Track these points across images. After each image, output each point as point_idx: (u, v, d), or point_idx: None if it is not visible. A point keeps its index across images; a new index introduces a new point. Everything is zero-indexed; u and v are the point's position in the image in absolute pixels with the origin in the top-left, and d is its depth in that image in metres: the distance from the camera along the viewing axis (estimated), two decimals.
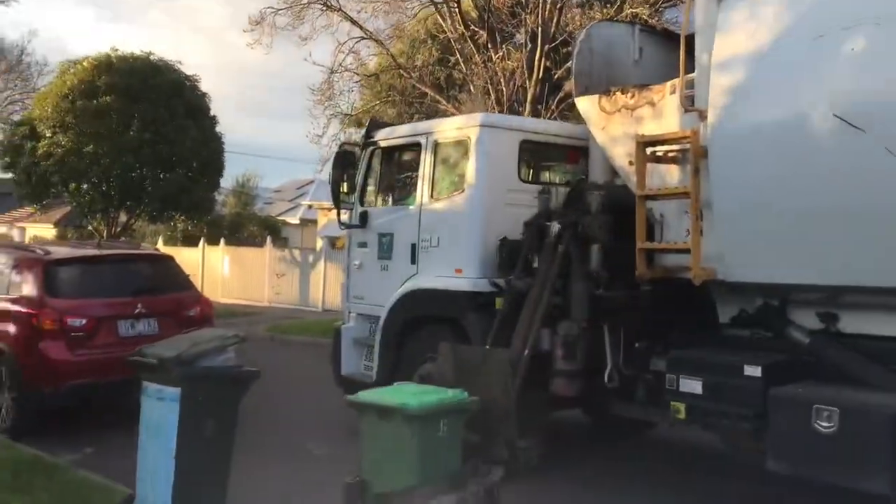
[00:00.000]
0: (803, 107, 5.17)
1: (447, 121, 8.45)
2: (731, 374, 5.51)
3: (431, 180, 7.73)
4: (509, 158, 7.42)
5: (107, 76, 22.24)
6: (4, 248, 10.13)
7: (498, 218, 7.20)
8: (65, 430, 8.42)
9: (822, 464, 4.88)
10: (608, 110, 6.68)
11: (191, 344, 5.32)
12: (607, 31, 7.42)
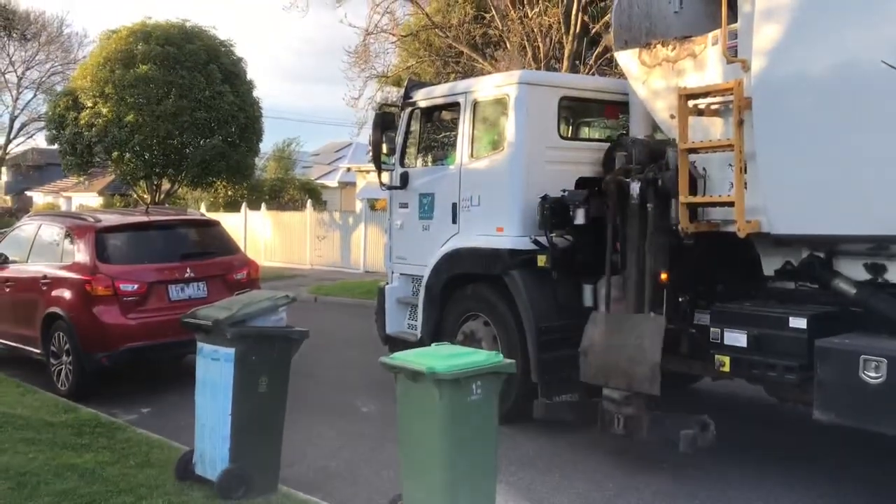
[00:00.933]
0: (850, 53, 5.10)
1: (486, 79, 8.38)
2: (776, 327, 5.54)
3: (471, 139, 7.71)
4: (549, 116, 7.35)
5: (143, 44, 22.43)
6: (56, 217, 10.34)
7: (538, 176, 7.17)
8: (122, 391, 8.70)
9: (870, 414, 4.90)
10: (649, 64, 6.55)
11: (243, 305, 5.45)
12: None
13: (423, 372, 4.64)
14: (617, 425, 6.11)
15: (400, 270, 8.59)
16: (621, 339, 6.08)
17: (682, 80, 6.20)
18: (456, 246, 7.66)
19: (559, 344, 6.73)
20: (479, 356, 4.97)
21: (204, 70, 22.36)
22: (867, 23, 5.04)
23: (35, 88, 34.28)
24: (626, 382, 6.01)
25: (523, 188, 7.19)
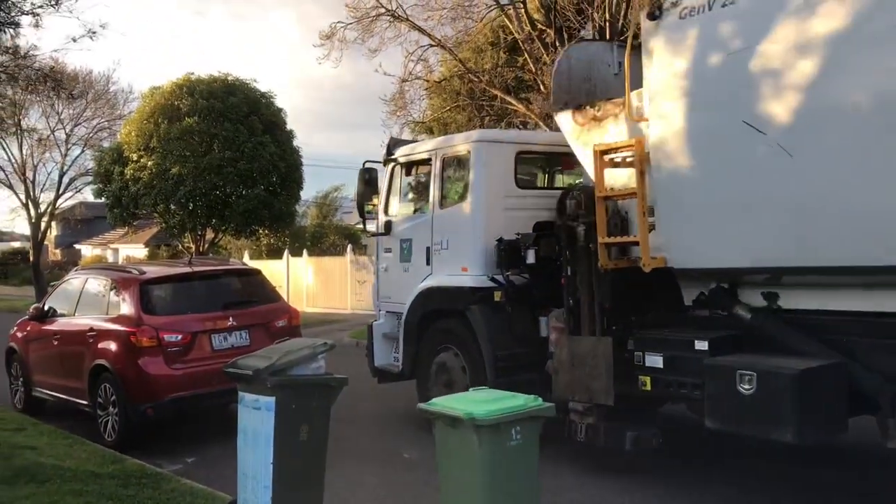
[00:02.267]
0: (721, 115, 5.97)
1: (451, 137, 9.27)
2: (685, 349, 6.27)
3: (441, 191, 8.68)
4: (506, 169, 8.28)
5: (187, 98, 23.05)
6: (102, 271, 10.58)
7: (497, 222, 8.08)
8: (167, 441, 8.79)
9: (745, 421, 5.64)
10: (580, 122, 7.37)
11: (283, 354, 5.50)
12: (586, 49, 8.17)
13: (461, 418, 4.61)
14: (580, 434, 6.94)
15: (386, 308, 9.42)
16: (581, 360, 6.91)
17: (606, 137, 7.01)
18: (428, 285, 8.52)
19: (515, 370, 7.53)
20: (518, 400, 4.92)
21: (246, 121, 22.89)
22: (731, 90, 5.91)
23: (83, 144, 35.28)
24: (588, 396, 6.84)
25: (483, 232, 8.10)
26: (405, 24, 17.91)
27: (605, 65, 7.66)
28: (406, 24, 17.86)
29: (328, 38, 18.14)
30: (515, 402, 4.89)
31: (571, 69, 7.72)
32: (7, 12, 7.51)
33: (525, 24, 17.17)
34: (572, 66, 7.73)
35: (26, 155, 33.58)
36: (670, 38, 6.37)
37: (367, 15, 17.74)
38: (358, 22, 17.83)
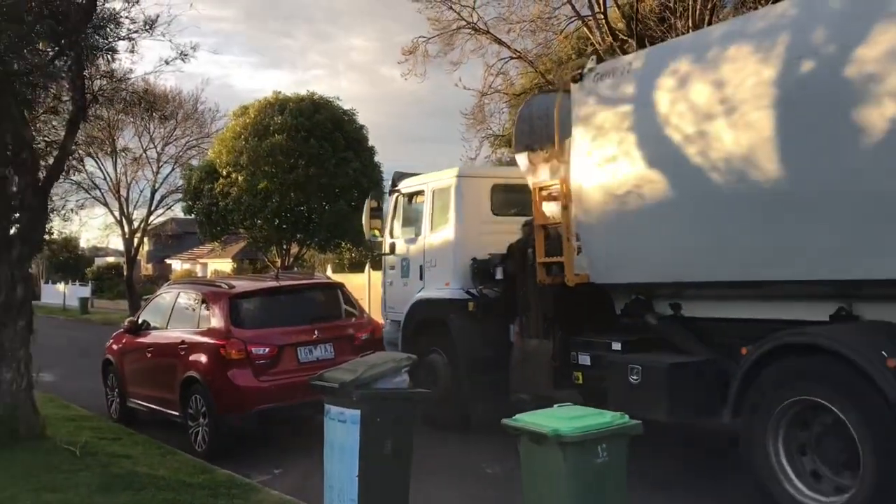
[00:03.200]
0: (626, 162, 7.32)
1: (439, 173, 10.46)
2: (605, 349, 7.70)
3: (431, 217, 10.25)
4: (483, 199, 9.89)
5: (275, 117, 23.67)
6: (192, 285, 10.89)
7: (474, 243, 9.63)
8: (256, 452, 8.96)
9: (633, 404, 6.59)
10: (533, 162, 8.69)
11: (367, 367, 5.55)
12: (545, 99, 9.02)
13: (546, 434, 4.56)
14: None
15: (391, 317, 10.85)
16: (528, 359, 8.45)
17: (550, 175, 8.34)
18: (420, 297, 10.10)
19: (484, 369, 9.00)
20: (605, 417, 4.83)
21: (330, 138, 23.36)
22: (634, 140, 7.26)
23: (173, 162, 36.55)
24: (534, 389, 8.27)
25: (462, 253, 9.66)
26: (486, 37, 18.00)
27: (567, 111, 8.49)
28: (487, 36, 17.95)
29: (410, 53, 18.40)
30: (602, 419, 4.81)
31: (532, 116, 8.88)
32: (105, 38, 7.83)
33: (606, 35, 17.01)
34: (532, 113, 8.89)
35: (120, 173, 34.96)
36: (587, 97, 7.84)
37: (448, 28, 17.90)
38: (439, 35, 18.00)
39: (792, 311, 6.41)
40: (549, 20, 18.14)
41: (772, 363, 5.97)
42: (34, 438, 8.35)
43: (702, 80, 6.65)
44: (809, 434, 5.83)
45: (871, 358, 5.34)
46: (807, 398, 5.73)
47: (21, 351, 8.36)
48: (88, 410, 11.23)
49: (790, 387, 5.84)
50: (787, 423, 5.90)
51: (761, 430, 5.96)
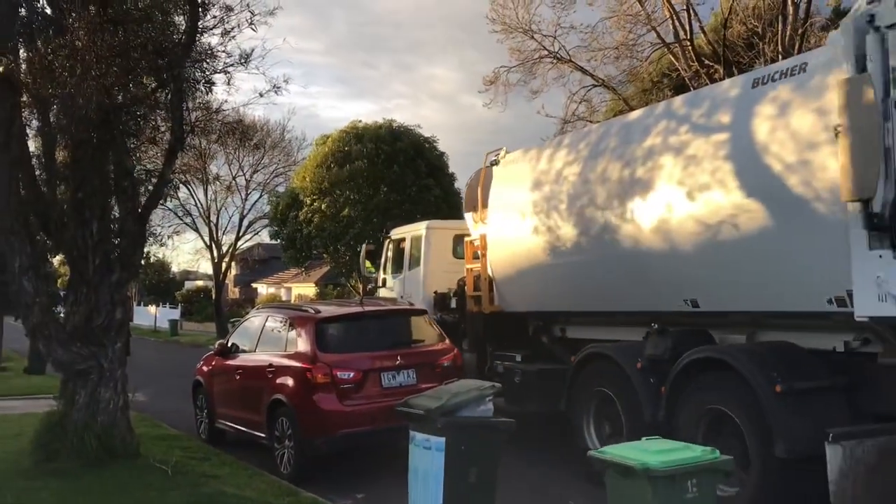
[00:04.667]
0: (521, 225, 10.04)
1: (415, 224, 13.98)
2: (511, 360, 10.35)
3: (409, 259, 13.45)
4: (447, 246, 12.96)
5: (356, 145, 24.14)
6: (280, 309, 11.13)
7: (439, 280, 12.65)
8: (339, 476, 9.06)
9: (518, 400, 9.72)
10: (474, 220, 11.38)
11: (452, 395, 5.58)
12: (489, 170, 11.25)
13: (634, 468, 4.49)
14: None
15: None
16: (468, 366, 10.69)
17: (478, 232, 11.20)
18: None
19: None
20: (695, 451, 4.74)
21: (412, 165, 23.66)
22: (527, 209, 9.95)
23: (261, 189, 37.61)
24: None
25: (429, 286, 12.76)
26: (568, 66, 18.00)
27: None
28: (569, 65, 17.95)
29: (492, 82, 18.54)
30: (692, 453, 4.72)
31: (471, 186, 11.71)
32: (203, 72, 8.17)
33: (692, 61, 16.81)
34: (471, 184, 11.78)
35: (211, 200, 36.14)
36: (499, 176, 10.82)
37: (530, 58, 17.98)
38: (521, 65, 18.09)
39: (620, 334, 9.09)
40: (633, 47, 18.04)
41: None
42: (129, 456, 8.64)
43: (571, 171, 9.43)
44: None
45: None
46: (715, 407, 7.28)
47: (118, 371, 8.69)
48: (178, 430, 11.55)
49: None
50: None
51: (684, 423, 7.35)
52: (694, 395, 7.29)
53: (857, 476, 5.92)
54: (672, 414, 7.38)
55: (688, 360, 7.32)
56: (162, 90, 8.20)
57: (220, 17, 8.18)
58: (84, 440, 8.29)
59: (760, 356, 6.93)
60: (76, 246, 8.48)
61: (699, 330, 8.00)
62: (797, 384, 6.50)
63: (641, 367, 7.92)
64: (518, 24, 17.82)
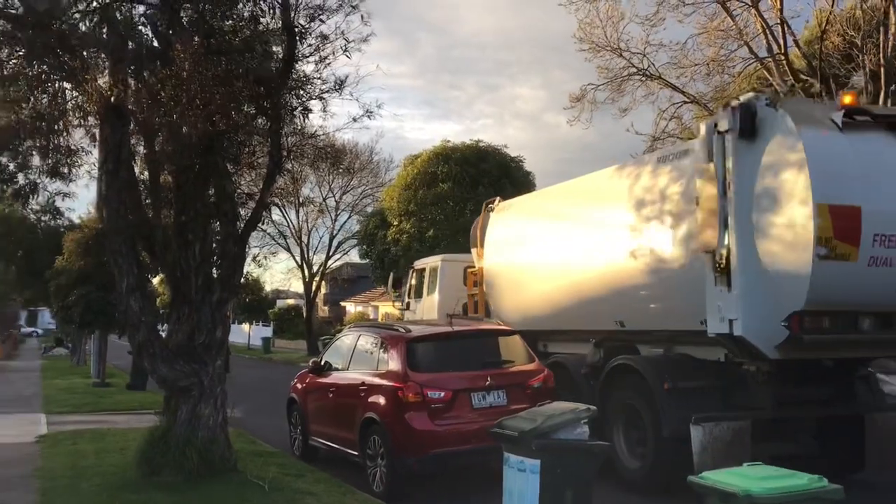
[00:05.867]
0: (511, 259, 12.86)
1: (433, 258, 17.09)
2: None
3: (428, 286, 16.33)
4: (458, 276, 15.21)
5: (442, 166, 24.38)
6: (372, 328, 11.29)
7: (450, 304, 14.37)
8: (430, 495, 9.10)
9: None
10: (477, 255, 14.15)
11: (546, 417, 5.56)
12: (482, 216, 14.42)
13: (736, 494, 4.39)
14: None
15: None
16: None
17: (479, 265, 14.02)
18: None
19: None
20: (801, 479, 4.58)
21: (497, 185, 23.72)
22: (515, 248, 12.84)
23: (349, 210, 38.36)
24: None
25: (442, 310, 14.69)
26: (657, 83, 17.77)
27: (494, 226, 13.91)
28: (658, 82, 17.72)
29: (578, 100, 18.43)
30: (798, 480, 4.56)
31: (475, 227, 14.51)
32: (300, 98, 8.42)
33: (786, 76, 16.36)
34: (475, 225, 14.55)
35: (302, 221, 37.04)
36: (493, 221, 13.60)
37: (618, 75, 17.82)
38: (609, 83, 17.95)
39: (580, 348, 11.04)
40: (724, 63, 17.68)
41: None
42: (227, 471, 8.88)
43: (540, 220, 12.44)
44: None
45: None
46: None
47: (218, 388, 8.96)
48: (272, 446, 11.81)
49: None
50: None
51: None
52: (615, 393, 9.69)
53: (714, 450, 7.93)
54: (602, 408, 8.95)
55: (611, 367, 9.81)
56: (261, 117, 8.49)
57: (316, 46, 8.43)
58: (186, 455, 8.54)
59: (657, 363, 9.39)
60: (179, 267, 8.83)
61: (628, 344, 10.23)
62: (681, 384, 8.82)
63: (584, 372, 10.44)
64: (606, 42, 17.71)
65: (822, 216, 7.47)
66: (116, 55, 8.13)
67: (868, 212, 7.65)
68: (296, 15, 8.28)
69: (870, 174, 7.91)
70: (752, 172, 8.06)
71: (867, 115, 8.41)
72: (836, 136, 7.95)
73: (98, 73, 8.16)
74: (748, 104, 8.15)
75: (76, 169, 9.36)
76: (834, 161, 7.84)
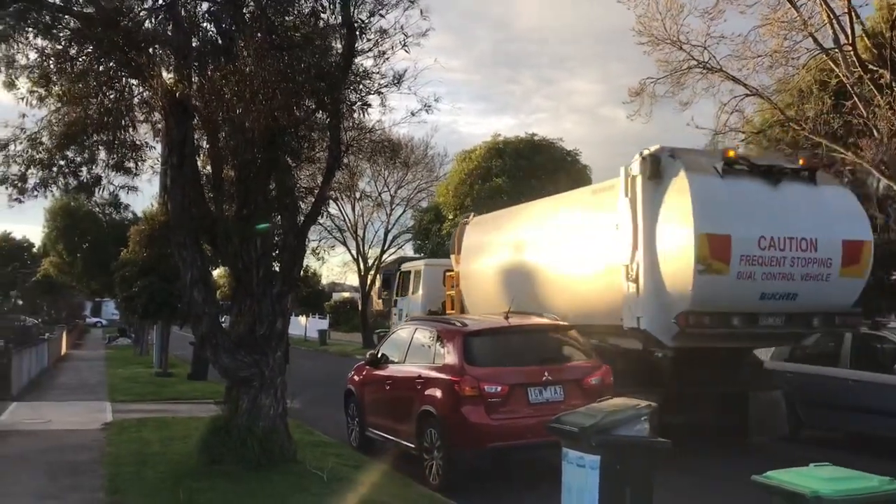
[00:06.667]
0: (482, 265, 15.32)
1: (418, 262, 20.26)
2: None
3: (413, 286, 19.93)
4: (439, 278, 18.62)
5: (497, 160, 24.32)
6: (428, 322, 11.35)
7: (432, 302, 18.55)
8: (486, 489, 9.11)
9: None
10: (455, 261, 16.46)
11: (607, 413, 5.51)
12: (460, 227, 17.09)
13: (805, 495, 4.29)
14: None
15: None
16: None
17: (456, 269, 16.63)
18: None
19: None
20: (871, 481, 4.47)
21: (552, 179, 23.58)
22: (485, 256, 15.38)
23: (404, 205, 38.54)
24: None
25: (425, 306, 18.95)
26: (718, 75, 17.44)
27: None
28: (719, 74, 17.39)
29: (637, 94, 18.19)
30: (868, 482, 4.45)
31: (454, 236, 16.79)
32: (358, 93, 8.49)
33: (854, 67, 15.90)
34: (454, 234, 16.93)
35: (357, 215, 37.34)
36: (468, 232, 15.98)
37: (677, 68, 17.54)
38: (668, 76, 17.68)
39: None
40: (788, 54, 17.26)
41: None
42: (286, 461, 9.01)
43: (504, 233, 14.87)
44: None
45: None
46: None
47: (278, 379, 9.10)
48: (329, 437, 11.96)
49: None
50: None
51: None
52: None
53: None
54: None
55: None
56: (321, 111, 8.58)
57: (375, 41, 8.48)
58: (246, 444, 8.70)
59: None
60: (241, 259, 8.98)
61: None
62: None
63: None
64: (665, 35, 17.42)
65: (700, 242, 9.91)
66: (181, 52, 8.30)
67: (736, 239, 10.09)
68: (356, 10, 8.34)
69: (740, 210, 10.31)
70: (656, 207, 10.50)
71: (746, 163, 10.76)
72: (717, 180, 10.35)
73: (163, 69, 8.35)
74: (655, 155, 10.48)
75: (141, 164, 9.59)
76: (712, 200, 10.20)
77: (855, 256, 10.77)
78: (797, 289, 10.48)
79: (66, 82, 8.36)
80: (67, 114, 8.78)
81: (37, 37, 8.42)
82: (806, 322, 10.83)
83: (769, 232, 10.22)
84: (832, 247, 10.59)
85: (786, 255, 10.29)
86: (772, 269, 10.26)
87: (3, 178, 9.13)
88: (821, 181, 11.20)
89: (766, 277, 10.28)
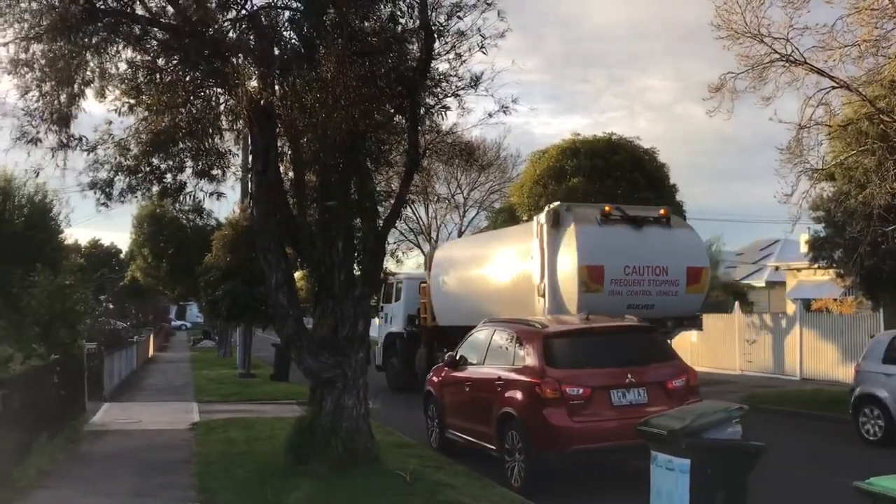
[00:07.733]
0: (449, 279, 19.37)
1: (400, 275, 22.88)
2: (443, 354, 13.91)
3: (396, 295, 22.36)
4: (416, 289, 21.38)
5: (573, 160, 24.03)
6: (507, 323, 11.28)
7: (412, 307, 21.41)
8: (569, 491, 9.03)
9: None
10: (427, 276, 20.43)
11: (697, 415, 5.41)
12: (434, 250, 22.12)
13: None
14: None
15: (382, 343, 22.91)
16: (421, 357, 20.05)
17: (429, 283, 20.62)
18: (388, 331, 22.47)
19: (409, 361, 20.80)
20: None
21: (629, 179, 23.20)
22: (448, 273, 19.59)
23: (477, 206, 38.57)
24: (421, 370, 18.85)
25: (405, 312, 21.78)
26: (802, 68, 16.86)
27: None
28: (803, 67, 16.81)
29: (717, 90, 17.66)
30: None
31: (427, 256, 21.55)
32: (436, 96, 8.53)
33: None
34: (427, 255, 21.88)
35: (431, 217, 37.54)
36: (437, 254, 20.77)
37: (759, 62, 17.03)
38: (749, 70, 17.18)
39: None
40: (878, 43, 16.56)
41: None
42: (369, 461, 9.10)
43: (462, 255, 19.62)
44: None
45: None
46: None
47: (360, 380, 9.21)
48: (410, 438, 12.04)
49: None
50: None
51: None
52: None
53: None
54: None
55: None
56: (400, 115, 8.65)
57: (452, 43, 8.50)
58: (331, 444, 8.82)
59: None
60: (324, 263, 9.12)
61: None
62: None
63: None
64: (745, 28, 16.92)
65: (582, 271, 14.13)
66: (264, 60, 8.48)
67: (608, 268, 14.29)
68: (433, 13, 8.39)
69: (611, 248, 14.56)
70: (557, 245, 14.71)
71: (619, 214, 15.09)
72: (596, 227, 14.72)
73: (247, 78, 8.54)
74: (556, 210, 14.93)
75: (226, 170, 9.84)
76: (591, 242, 14.46)
77: (696, 278, 15.10)
78: (654, 301, 14.50)
79: (156, 92, 8.63)
80: (155, 122, 9.07)
81: (126, 48, 8.72)
82: (662, 324, 13.95)
83: (632, 262, 14.46)
84: (679, 271, 14.85)
85: (644, 278, 14.53)
86: (634, 288, 14.43)
87: (93, 182, 9.47)
88: (674, 225, 15.55)
89: (631, 294, 14.37)
